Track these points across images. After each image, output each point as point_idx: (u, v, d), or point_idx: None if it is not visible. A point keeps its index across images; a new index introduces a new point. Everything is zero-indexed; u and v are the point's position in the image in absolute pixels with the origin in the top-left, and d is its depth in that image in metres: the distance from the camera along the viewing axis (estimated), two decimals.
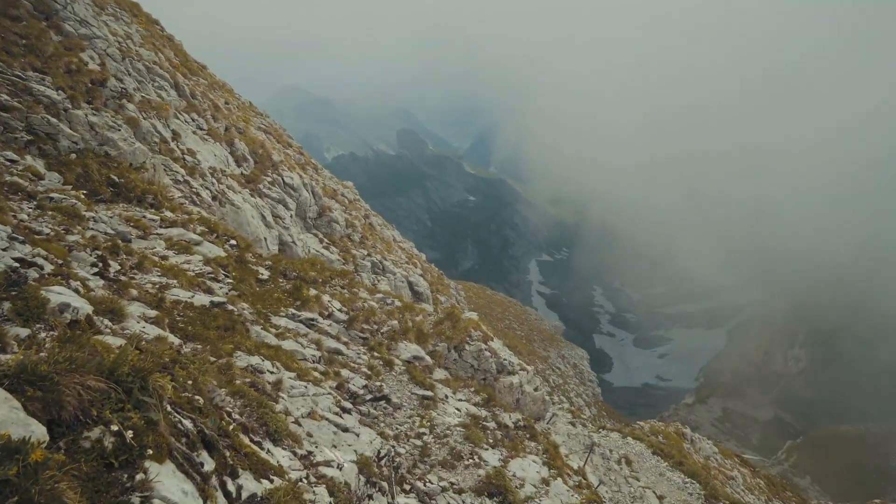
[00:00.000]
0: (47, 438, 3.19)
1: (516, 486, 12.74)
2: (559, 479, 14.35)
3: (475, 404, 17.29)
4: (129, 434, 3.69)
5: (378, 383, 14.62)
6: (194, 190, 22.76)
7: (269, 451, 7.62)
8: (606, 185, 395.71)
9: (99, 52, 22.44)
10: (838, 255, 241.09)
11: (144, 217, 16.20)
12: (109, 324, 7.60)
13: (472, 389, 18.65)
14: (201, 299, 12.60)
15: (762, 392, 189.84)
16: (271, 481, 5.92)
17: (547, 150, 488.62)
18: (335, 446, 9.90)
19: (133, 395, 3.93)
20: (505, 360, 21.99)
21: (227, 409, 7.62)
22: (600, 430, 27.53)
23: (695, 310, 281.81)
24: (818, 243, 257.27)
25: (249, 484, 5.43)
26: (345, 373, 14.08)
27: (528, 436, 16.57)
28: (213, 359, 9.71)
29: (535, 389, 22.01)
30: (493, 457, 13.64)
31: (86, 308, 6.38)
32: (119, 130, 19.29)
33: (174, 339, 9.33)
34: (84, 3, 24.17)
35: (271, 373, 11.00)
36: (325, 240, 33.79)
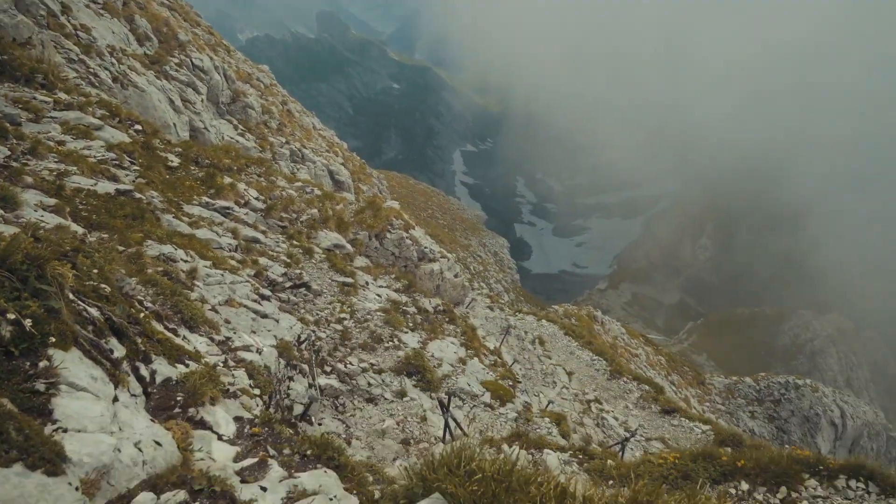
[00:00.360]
0: None
1: (434, 366, 13.35)
2: (476, 358, 15.09)
3: (396, 290, 17.66)
4: (28, 322, 3.60)
5: (298, 271, 14.65)
6: (91, 70, 21.03)
7: (184, 337, 7.63)
8: (532, 74, 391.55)
9: None
10: (748, 145, 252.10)
11: (35, 99, 14.92)
12: (1, 212, 7.19)
13: (393, 276, 18.98)
14: (105, 187, 11.99)
15: (670, 278, 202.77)
16: (187, 366, 5.97)
17: (474, 37, 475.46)
18: (254, 332, 10.00)
19: (29, 284, 3.80)
20: (426, 247, 22.33)
21: (139, 297, 7.49)
22: (517, 313, 28.80)
23: (613, 200, 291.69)
24: (730, 133, 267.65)
25: (163, 368, 5.46)
26: (263, 261, 14.00)
27: (447, 319, 17.19)
28: (121, 248, 9.40)
29: (455, 276, 22.60)
30: (412, 339, 14.14)
31: None
32: None
33: (77, 229, 8.94)
34: None
35: (185, 261, 10.80)
36: (241, 126, 32.35)
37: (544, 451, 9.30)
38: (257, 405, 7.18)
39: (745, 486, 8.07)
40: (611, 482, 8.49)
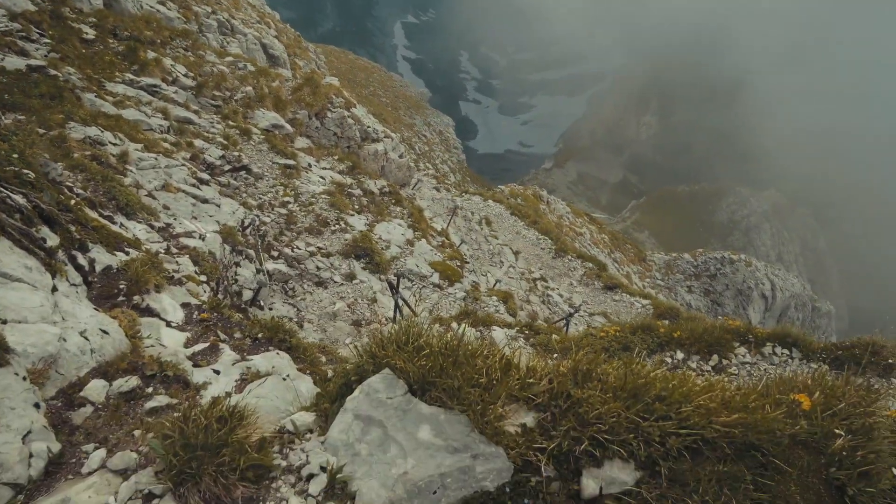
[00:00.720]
0: None
1: (382, 248, 13.32)
2: (423, 239, 15.12)
3: (340, 172, 17.27)
4: None
5: (236, 153, 14.06)
6: None
7: (122, 224, 7.28)
8: None
9: None
10: (690, 16, 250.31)
11: None
12: None
13: (336, 157, 18.50)
14: (14, 63, 10.97)
15: (614, 156, 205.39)
16: (127, 253, 5.72)
17: None
18: (195, 218, 9.66)
19: None
20: (369, 127, 21.71)
21: (67, 184, 7.03)
22: (463, 194, 28.81)
23: (558, 77, 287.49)
24: (672, 4, 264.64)
25: (102, 257, 5.20)
26: (198, 143, 13.34)
27: (393, 201, 17.02)
28: (41, 131, 8.73)
29: (401, 156, 22.22)
30: (359, 222, 13.99)
31: None
32: None
33: None
34: None
35: (114, 144, 10.16)
36: None
37: (492, 327, 9.54)
38: (205, 292, 7.03)
39: (680, 354, 8.53)
40: (555, 355, 8.83)
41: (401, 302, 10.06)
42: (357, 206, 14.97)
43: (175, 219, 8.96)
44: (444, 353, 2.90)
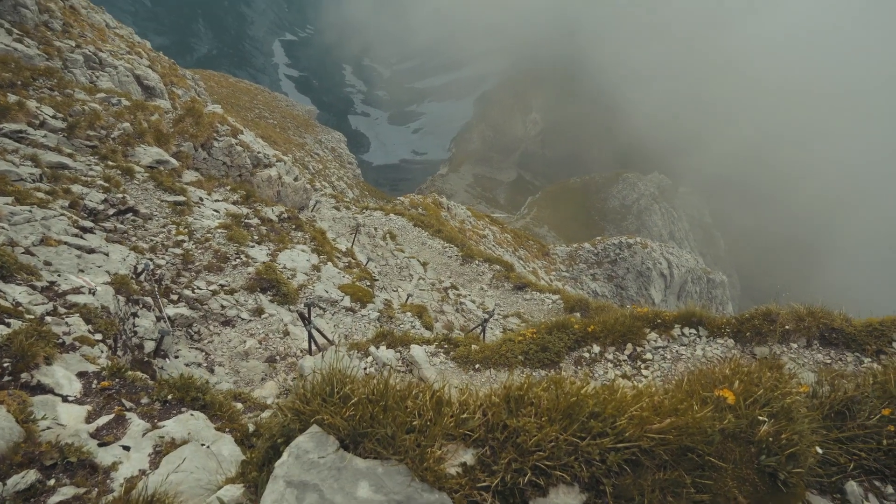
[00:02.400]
0: None
1: (288, 277, 12.95)
2: (329, 263, 14.83)
3: (234, 203, 16.69)
4: None
5: (120, 195, 13.27)
6: None
7: None
8: None
9: None
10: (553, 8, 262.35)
11: None
12: None
13: (229, 188, 17.87)
14: None
15: (506, 156, 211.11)
16: (8, 325, 5.22)
17: None
18: (82, 271, 9.02)
19: None
20: (259, 152, 21.11)
21: None
22: (364, 210, 28.53)
23: (443, 83, 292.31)
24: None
25: None
26: (77, 188, 12.49)
27: (293, 227, 16.61)
28: None
29: (296, 179, 21.76)
30: (260, 253, 13.55)
31: None
32: None
33: None
34: None
35: None
36: (16, 31, 27.76)
37: (410, 346, 9.45)
38: (101, 352, 6.56)
39: (596, 348, 8.77)
40: (476, 366, 8.87)
41: (314, 332, 9.80)
42: (257, 237, 14.49)
43: (59, 275, 8.33)
44: (372, 400, 2.79)
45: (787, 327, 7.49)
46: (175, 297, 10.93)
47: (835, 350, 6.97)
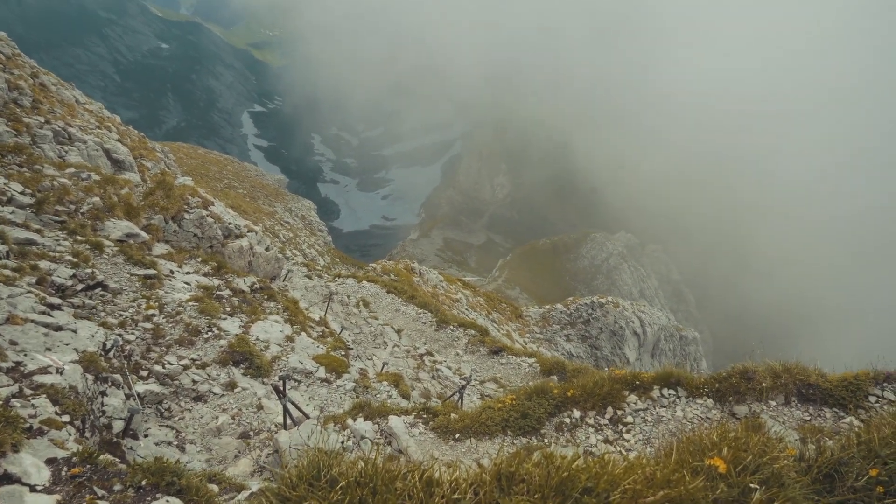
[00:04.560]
0: None
1: (261, 349, 12.75)
2: (303, 333, 14.66)
3: (205, 274, 16.52)
4: None
5: (89, 270, 13.06)
6: None
7: None
8: (312, 27, 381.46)
9: None
10: (500, 71, 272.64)
11: None
12: None
13: (200, 259, 17.71)
14: None
15: (475, 219, 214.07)
16: None
17: None
18: (49, 349, 8.78)
19: None
20: (230, 223, 21.08)
21: None
22: (336, 278, 28.43)
23: (410, 149, 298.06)
24: (488, 67, 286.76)
25: None
26: (44, 264, 12.28)
27: (265, 297, 16.46)
28: None
29: (267, 249, 21.69)
30: (232, 325, 13.35)
31: None
32: None
33: None
34: None
35: None
36: None
37: (389, 417, 9.30)
38: (69, 434, 6.32)
39: (577, 413, 8.73)
40: (457, 436, 8.74)
41: (289, 405, 9.59)
42: (229, 308, 14.32)
43: (26, 354, 8.09)
44: (361, 483, 2.73)
45: (764, 384, 7.57)
46: (145, 373, 10.66)
47: (813, 406, 7.05)
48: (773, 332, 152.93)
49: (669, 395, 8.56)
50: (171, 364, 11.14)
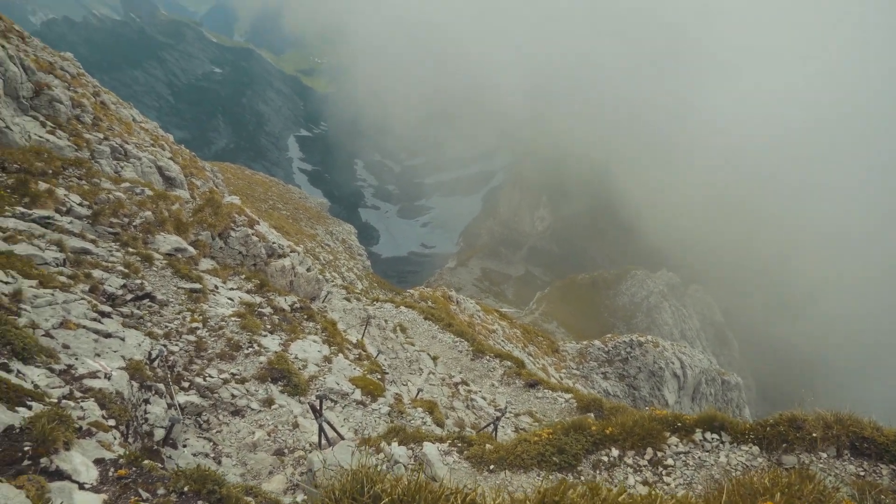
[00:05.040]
0: None
1: (299, 368, 12.87)
2: (340, 354, 14.76)
3: (248, 291, 16.81)
4: None
5: (138, 281, 13.43)
6: None
7: (18, 372, 6.67)
8: (358, 53, 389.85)
9: None
10: (543, 102, 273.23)
11: None
12: None
13: (243, 276, 18.05)
14: None
15: (514, 251, 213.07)
16: (30, 408, 5.20)
17: (295, 14, 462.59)
18: (98, 355, 9.02)
19: None
20: (274, 243, 21.45)
21: None
22: (374, 302, 28.60)
23: (452, 178, 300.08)
24: (532, 98, 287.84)
25: (3, 416, 4.70)
26: (97, 273, 12.68)
27: (305, 317, 16.64)
28: None
29: (308, 270, 21.98)
30: (272, 342, 13.53)
31: None
32: None
33: None
34: None
35: (6, 283, 9.49)
36: (49, 123, 28.93)
37: (423, 443, 9.26)
38: (115, 438, 6.47)
39: (615, 452, 8.55)
40: (491, 467, 8.65)
41: (325, 425, 9.63)
42: (269, 326, 14.51)
43: (77, 358, 8.34)
44: (404, 501, 2.72)
45: (814, 435, 7.31)
46: (186, 385, 10.86)
47: (868, 461, 6.76)
48: (821, 377, 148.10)
49: (713, 439, 8.33)
50: (212, 377, 11.32)
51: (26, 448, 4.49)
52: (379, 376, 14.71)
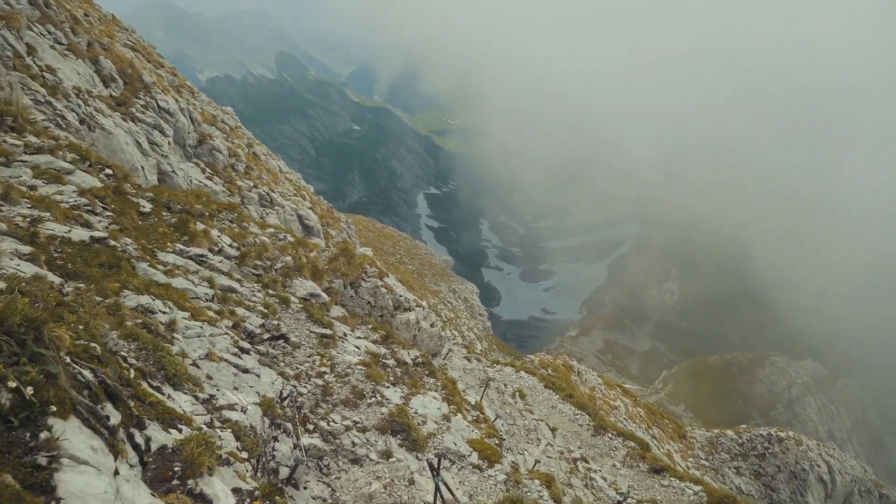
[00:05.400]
0: None
1: (419, 423, 12.84)
2: (458, 414, 14.61)
3: (374, 342, 17.17)
4: (29, 390, 3.18)
5: (275, 322, 14.11)
6: (58, 112, 20.50)
7: (169, 396, 7.10)
8: (489, 117, 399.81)
9: None
10: (677, 170, 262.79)
11: (5, 142, 14.41)
12: None
13: (370, 327, 18.50)
14: (79, 234, 11.46)
15: (640, 324, 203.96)
16: (180, 431, 5.49)
17: (431, 79, 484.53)
18: (237, 388, 9.46)
19: (28, 347, 3.40)
20: (400, 296, 21.94)
21: (122, 353, 6.98)
22: (494, 364, 28.36)
23: (577, 244, 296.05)
24: (665, 165, 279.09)
25: (158, 435, 4.98)
26: (240, 311, 13.46)
27: (426, 372, 16.72)
28: (99, 298, 8.87)
29: (432, 325, 22.22)
30: (394, 394, 13.64)
31: None
32: None
33: (54, 278, 8.41)
34: None
35: (164, 313, 10.26)
36: (208, 170, 31.86)
37: None
38: (247, 470, 6.67)
39: None
40: None
41: (441, 485, 9.47)
42: (392, 378, 14.69)
43: (218, 389, 8.78)
44: None
45: None
46: (311, 427, 11.11)
47: None
48: None
49: None
50: (335, 423, 11.53)
51: (176, 468, 4.71)
52: (496, 441, 14.38)
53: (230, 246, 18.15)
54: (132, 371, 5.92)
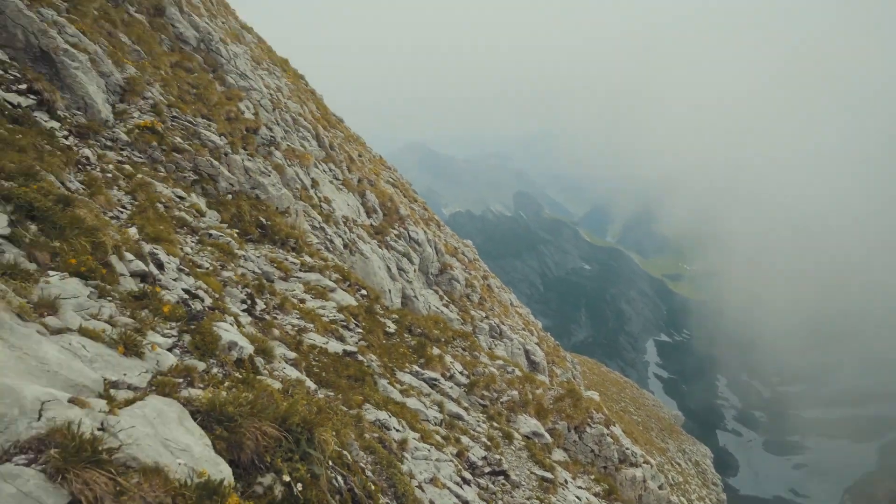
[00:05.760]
0: (232, 481, 3.01)
1: None
2: None
3: (595, 494, 16.17)
4: (299, 487, 3.45)
5: (497, 456, 13.98)
6: (328, 237, 23.62)
7: None
8: (734, 262, 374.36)
9: (254, 102, 24.34)
10: None
11: (287, 260, 16.84)
12: (263, 362, 7.66)
13: (593, 477, 17.52)
14: (334, 346, 12.69)
15: None
16: None
17: (670, 220, 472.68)
18: None
19: (301, 446, 3.74)
20: (627, 448, 20.60)
21: (362, 464, 7.36)
22: None
23: (837, 417, 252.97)
24: None
25: None
26: (465, 440, 13.58)
27: None
28: (344, 408, 9.60)
29: (660, 487, 20.38)
30: None
31: (248, 347, 6.43)
32: (269, 176, 20.50)
33: (310, 384, 9.31)
34: (244, 59, 26.55)
35: (397, 430, 10.74)
36: (446, 297, 33.88)
37: None
38: None
39: None
40: None
41: None
42: None
43: None
44: None
45: None
46: None
47: None
48: None
49: None
50: None
51: None
52: None
53: (461, 373, 18.75)
54: (373, 485, 6.17)
